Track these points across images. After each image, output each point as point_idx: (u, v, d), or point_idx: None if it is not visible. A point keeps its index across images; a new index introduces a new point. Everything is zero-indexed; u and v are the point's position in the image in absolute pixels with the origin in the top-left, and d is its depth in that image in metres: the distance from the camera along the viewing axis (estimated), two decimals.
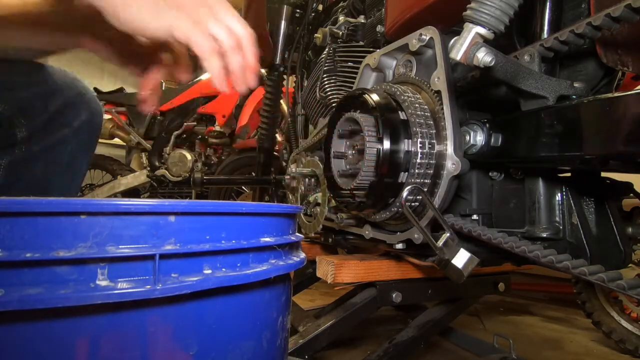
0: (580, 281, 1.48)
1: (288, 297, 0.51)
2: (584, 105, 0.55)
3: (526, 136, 0.63)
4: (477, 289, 1.17)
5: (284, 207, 0.49)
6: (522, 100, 0.65)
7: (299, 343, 0.90)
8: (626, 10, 0.47)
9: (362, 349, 1.37)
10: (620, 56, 0.58)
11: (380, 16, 1.00)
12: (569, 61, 0.69)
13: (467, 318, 1.70)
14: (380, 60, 0.86)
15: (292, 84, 1.61)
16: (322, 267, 0.96)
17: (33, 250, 0.32)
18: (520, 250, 0.60)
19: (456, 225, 0.71)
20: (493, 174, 0.79)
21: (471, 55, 0.54)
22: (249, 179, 2.16)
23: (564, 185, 0.68)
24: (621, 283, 0.48)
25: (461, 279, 0.60)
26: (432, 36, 0.71)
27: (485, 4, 0.53)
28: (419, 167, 0.67)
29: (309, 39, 1.45)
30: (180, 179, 2.77)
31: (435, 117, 0.69)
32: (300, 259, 0.51)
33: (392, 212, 0.73)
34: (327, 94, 1.12)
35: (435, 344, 1.40)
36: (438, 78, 0.69)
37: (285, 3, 1.48)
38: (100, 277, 0.33)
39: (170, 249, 0.36)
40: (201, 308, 0.38)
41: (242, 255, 0.42)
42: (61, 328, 0.32)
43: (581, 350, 1.44)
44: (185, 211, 0.37)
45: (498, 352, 1.09)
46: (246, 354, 0.42)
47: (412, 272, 1.00)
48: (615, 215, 0.71)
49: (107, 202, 0.34)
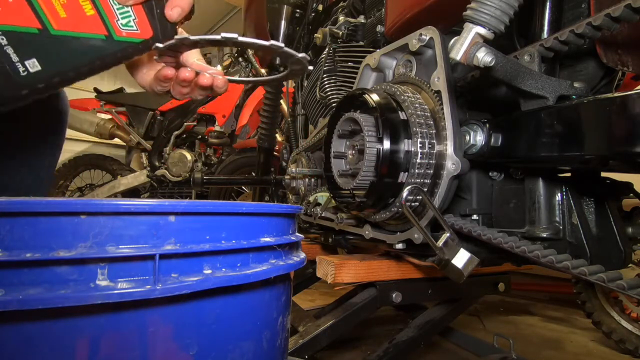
0: (580, 281, 1.48)
1: (288, 297, 0.51)
2: (584, 105, 0.55)
3: (526, 136, 0.63)
4: (477, 289, 1.17)
5: (284, 207, 0.49)
6: (522, 100, 0.65)
7: (299, 343, 0.90)
8: (626, 10, 0.47)
9: (362, 349, 1.37)
10: (620, 56, 0.58)
11: (380, 16, 1.00)
12: (569, 61, 0.69)
13: (467, 318, 1.70)
14: (380, 60, 0.86)
15: (292, 84, 1.61)
16: (322, 267, 0.96)
17: (33, 250, 0.32)
18: (520, 250, 0.60)
19: (456, 225, 0.71)
20: (493, 174, 0.79)
21: (471, 55, 0.54)
22: (249, 179, 2.16)
23: (564, 185, 0.68)
24: (621, 283, 0.48)
25: (461, 279, 0.60)
26: (432, 36, 0.71)
27: (485, 4, 0.53)
28: (419, 167, 0.67)
29: (309, 39, 1.45)
30: (180, 179, 2.77)
31: (435, 117, 0.69)
32: (300, 259, 0.51)
33: (392, 212, 0.73)
34: (327, 94, 1.12)
35: (435, 344, 1.40)
36: (438, 78, 0.69)
37: (285, 3, 1.48)
38: (100, 277, 0.33)
39: (170, 249, 0.36)
40: (201, 308, 0.38)
41: (242, 255, 0.42)
42: (61, 328, 0.32)
43: (581, 350, 1.44)
44: (185, 211, 0.37)
45: (498, 352, 1.09)
46: (246, 354, 0.42)
47: (412, 272, 1.00)
48: (615, 215, 0.71)
49: (107, 202, 0.34)
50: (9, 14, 0.46)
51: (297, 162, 1.30)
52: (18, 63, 0.48)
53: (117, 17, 0.51)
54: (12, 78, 0.48)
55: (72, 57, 0.51)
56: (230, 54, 2.95)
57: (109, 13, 0.50)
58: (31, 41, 0.48)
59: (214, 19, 6.04)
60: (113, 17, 0.51)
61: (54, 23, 0.48)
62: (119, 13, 0.51)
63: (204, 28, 6.40)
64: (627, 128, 0.49)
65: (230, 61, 2.97)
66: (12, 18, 0.46)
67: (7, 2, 0.45)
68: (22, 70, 0.48)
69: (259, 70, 2.80)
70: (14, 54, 0.47)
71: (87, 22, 0.49)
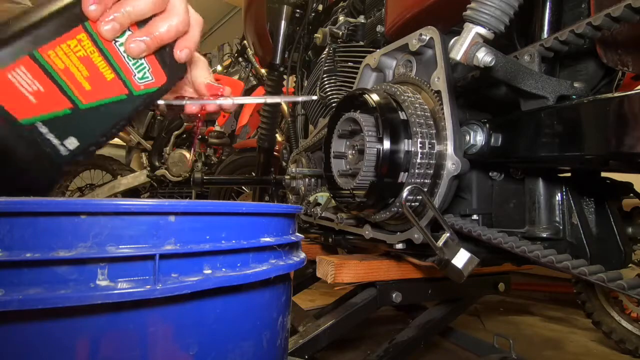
0: (580, 281, 1.48)
1: (288, 297, 0.51)
2: (584, 105, 0.55)
3: (526, 136, 0.63)
4: (477, 289, 1.17)
5: (284, 207, 0.49)
6: (522, 100, 0.65)
7: (299, 343, 0.90)
8: (626, 10, 0.47)
9: (362, 349, 1.37)
10: (620, 56, 0.58)
11: (380, 16, 1.00)
12: (569, 61, 0.69)
13: (467, 318, 1.70)
14: (380, 60, 0.86)
15: (292, 84, 1.61)
16: (322, 267, 0.96)
17: (33, 250, 0.32)
18: (520, 250, 0.60)
19: (456, 225, 0.71)
20: (493, 174, 0.79)
21: (471, 55, 0.54)
22: (249, 179, 2.16)
23: (564, 185, 0.68)
24: (621, 283, 0.48)
25: (461, 279, 0.60)
26: (432, 36, 0.71)
27: (485, 4, 0.53)
28: (419, 167, 0.67)
29: (309, 39, 1.45)
30: (180, 179, 2.77)
31: (435, 117, 0.69)
32: (300, 259, 0.51)
33: (392, 212, 0.73)
34: (327, 94, 1.12)
35: (435, 344, 1.40)
36: (438, 78, 0.69)
37: (285, 3, 1.48)
38: (100, 277, 0.33)
39: (170, 249, 0.36)
40: (201, 308, 0.38)
41: (242, 255, 0.42)
42: (61, 328, 0.32)
43: (581, 350, 1.44)
44: (185, 211, 0.37)
45: (498, 352, 1.09)
46: (246, 354, 0.42)
47: (412, 272, 1.00)
48: (615, 215, 0.71)
49: (107, 202, 0.34)
50: (44, 103, 0.48)
51: (297, 162, 1.30)
52: (60, 145, 0.50)
53: (133, 72, 0.52)
54: (56, 161, 0.51)
55: (102, 124, 0.53)
56: (230, 54, 2.95)
57: (126, 71, 0.51)
58: (66, 121, 0.50)
59: (214, 19, 6.05)
60: (130, 74, 0.52)
61: (82, 98, 0.50)
62: (134, 68, 0.52)
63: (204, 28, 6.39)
64: (627, 128, 0.49)
65: (230, 61, 2.97)
66: (47, 106, 0.48)
67: (40, 92, 0.47)
68: (63, 150, 0.51)
69: (259, 70, 2.80)
70: (55, 138, 0.50)
71: (109, 87, 0.51)
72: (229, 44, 3.70)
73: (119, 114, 0.53)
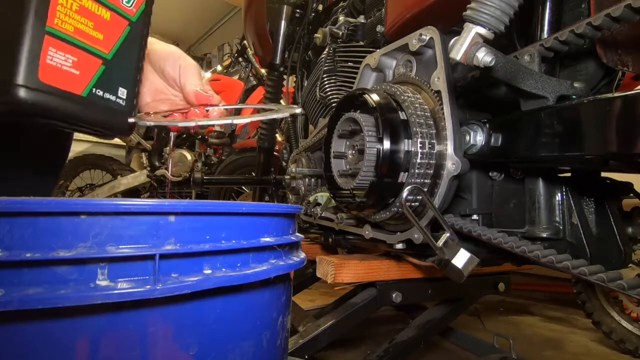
0: (580, 281, 1.48)
1: (288, 297, 0.51)
2: (584, 105, 0.55)
3: (526, 136, 0.63)
4: (477, 289, 1.17)
5: (284, 207, 0.49)
6: (522, 100, 0.65)
7: (299, 343, 0.90)
8: (626, 10, 0.47)
9: (362, 349, 1.37)
10: (620, 56, 0.58)
11: (380, 16, 1.00)
12: (569, 61, 0.69)
13: (467, 318, 1.70)
14: (380, 60, 0.86)
15: (292, 84, 1.61)
16: (322, 267, 0.96)
17: (33, 250, 0.32)
18: (520, 250, 0.60)
19: (456, 225, 0.71)
20: (493, 174, 0.79)
21: (471, 55, 0.54)
22: (249, 179, 2.16)
23: (564, 185, 0.68)
24: (621, 283, 0.48)
25: (461, 279, 0.60)
26: (432, 36, 0.71)
27: (485, 4, 0.53)
28: (419, 167, 0.67)
29: (309, 39, 1.45)
30: (180, 179, 2.77)
31: (435, 117, 0.69)
32: (300, 259, 0.51)
33: (392, 212, 0.73)
34: (327, 94, 1.12)
35: (435, 344, 1.40)
36: (438, 78, 0.69)
37: (285, 3, 1.48)
38: (100, 277, 0.33)
39: (170, 249, 0.36)
40: (201, 308, 0.38)
41: (242, 255, 0.42)
42: (61, 328, 0.32)
43: (581, 350, 1.44)
44: (185, 211, 0.37)
45: (498, 352, 1.09)
46: (246, 354, 0.42)
47: (412, 272, 1.00)
48: (615, 215, 0.71)
49: (107, 202, 0.34)
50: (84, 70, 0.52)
51: (297, 162, 1.30)
52: (117, 99, 0.56)
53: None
54: (125, 113, 0.57)
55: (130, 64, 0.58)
56: (230, 54, 2.95)
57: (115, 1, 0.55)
58: (107, 76, 0.55)
59: (214, 19, 6.05)
60: (118, 2, 0.55)
61: (104, 49, 0.54)
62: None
63: (203, 28, 6.40)
64: (627, 128, 0.49)
65: (230, 61, 2.97)
66: (89, 71, 0.53)
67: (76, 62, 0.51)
68: (122, 102, 0.57)
69: (259, 70, 2.80)
70: (111, 95, 0.56)
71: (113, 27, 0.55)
72: (229, 44, 3.70)
73: (135, 47, 0.57)
